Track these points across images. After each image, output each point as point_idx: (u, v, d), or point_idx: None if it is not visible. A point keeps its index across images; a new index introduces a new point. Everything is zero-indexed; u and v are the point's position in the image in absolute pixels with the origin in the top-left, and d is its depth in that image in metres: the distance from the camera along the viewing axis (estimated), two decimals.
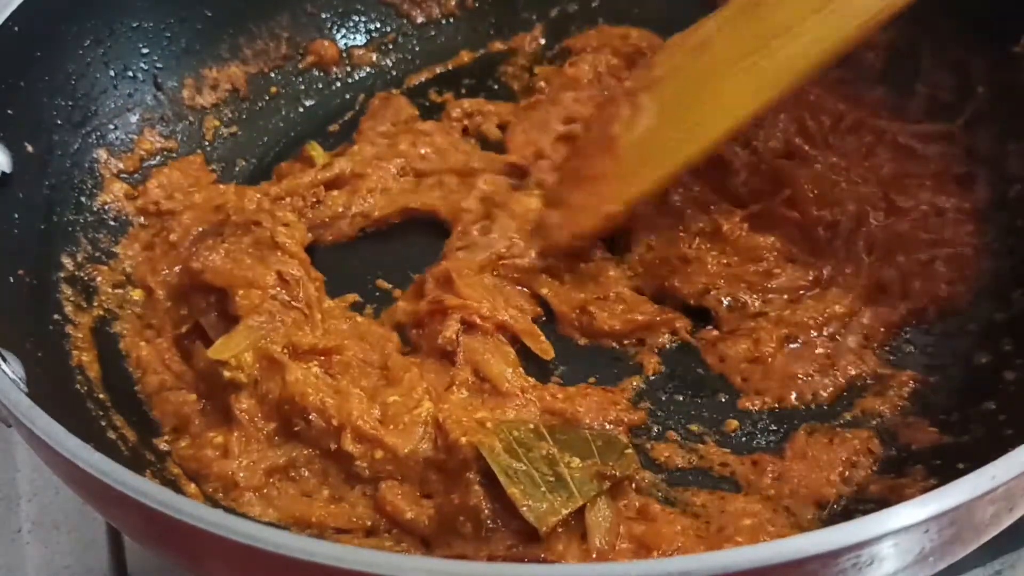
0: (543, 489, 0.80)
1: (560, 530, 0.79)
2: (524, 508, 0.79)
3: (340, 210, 1.09)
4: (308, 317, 0.94)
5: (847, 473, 0.85)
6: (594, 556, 0.78)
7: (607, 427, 0.88)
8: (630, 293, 1.00)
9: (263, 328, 0.91)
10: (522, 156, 1.12)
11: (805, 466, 0.85)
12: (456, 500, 0.81)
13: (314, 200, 1.10)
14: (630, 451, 0.85)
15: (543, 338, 0.96)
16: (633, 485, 0.84)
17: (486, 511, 0.80)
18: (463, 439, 0.83)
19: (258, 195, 1.07)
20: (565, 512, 0.79)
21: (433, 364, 0.93)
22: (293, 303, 0.94)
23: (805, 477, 0.84)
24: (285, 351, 0.90)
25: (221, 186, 1.13)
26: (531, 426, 0.86)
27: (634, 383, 0.94)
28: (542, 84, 1.23)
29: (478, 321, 0.94)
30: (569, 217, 1.01)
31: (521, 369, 0.93)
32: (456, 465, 0.83)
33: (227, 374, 0.89)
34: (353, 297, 1.02)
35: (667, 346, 0.97)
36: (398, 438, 0.85)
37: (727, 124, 0.96)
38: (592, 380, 0.94)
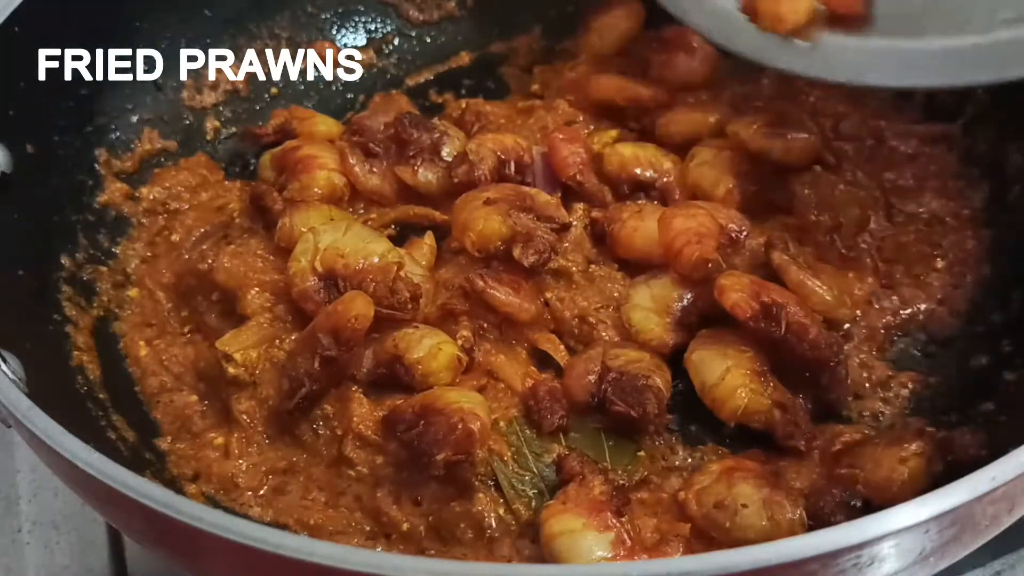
0: (548, 498, 0.80)
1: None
2: (528, 515, 0.80)
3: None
4: None
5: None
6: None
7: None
8: None
9: (272, 327, 0.91)
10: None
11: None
12: (458, 508, 0.81)
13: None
14: (641, 453, 0.86)
15: (560, 345, 0.94)
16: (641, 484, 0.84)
17: (489, 517, 0.80)
18: None
19: None
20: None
21: None
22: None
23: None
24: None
25: (227, 183, 1.13)
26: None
27: None
28: (535, 87, 1.22)
29: (486, 326, 0.93)
30: None
31: (533, 368, 0.92)
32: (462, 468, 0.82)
33: (231, 371, 0.89)
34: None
35: None
36: None
37: None
38: None
